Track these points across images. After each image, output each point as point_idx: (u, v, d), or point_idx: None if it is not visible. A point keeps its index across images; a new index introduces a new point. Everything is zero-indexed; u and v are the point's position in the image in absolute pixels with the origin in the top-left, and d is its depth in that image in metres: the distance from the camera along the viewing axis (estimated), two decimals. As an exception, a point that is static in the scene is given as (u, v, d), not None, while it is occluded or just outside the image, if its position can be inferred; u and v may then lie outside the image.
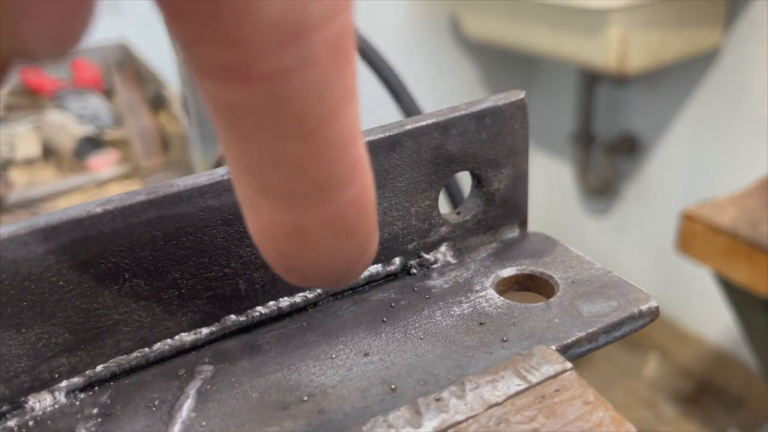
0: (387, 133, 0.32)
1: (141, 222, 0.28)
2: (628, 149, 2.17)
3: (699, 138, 1.94)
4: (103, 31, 1.50)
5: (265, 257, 0.20)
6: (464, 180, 0.40)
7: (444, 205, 0.37)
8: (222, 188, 0.30)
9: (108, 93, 1.37)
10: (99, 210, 0.28)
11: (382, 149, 0.33)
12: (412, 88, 0.60)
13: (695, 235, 1.14)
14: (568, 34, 1.80)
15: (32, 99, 1.34)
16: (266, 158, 0.17)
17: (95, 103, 1.30)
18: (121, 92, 1.31)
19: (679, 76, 1.92)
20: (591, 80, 2.07)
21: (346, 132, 0.18)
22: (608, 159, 2.19)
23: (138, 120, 1.19)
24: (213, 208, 0.30)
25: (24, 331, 0.28)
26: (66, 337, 0.29)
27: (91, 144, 1.12)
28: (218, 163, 0.84)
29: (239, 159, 0.18)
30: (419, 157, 0.34)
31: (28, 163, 1.14)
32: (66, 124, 1.17)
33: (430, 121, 0.33)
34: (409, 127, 0.33)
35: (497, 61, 2.25)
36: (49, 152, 1.16)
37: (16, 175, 1.07)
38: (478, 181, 0.36)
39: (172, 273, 0.30)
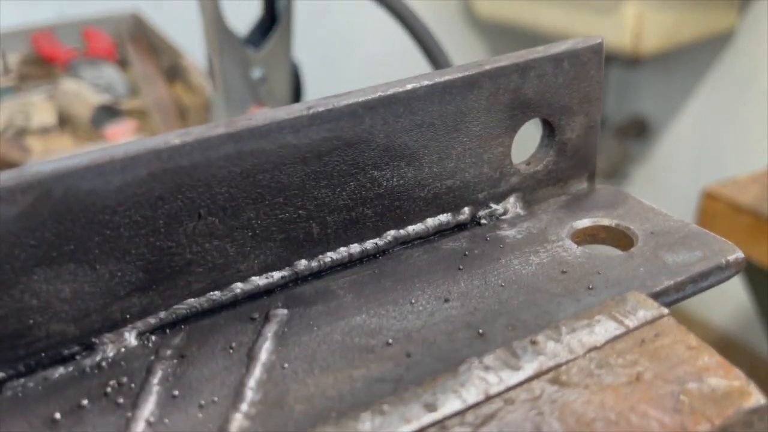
0: (465, 73, 0.31)
1: (219, 156, 0.27)
2: (638, 132, 2.15)
3: (710, 121, 1.92)
4: (115, 1, 1.48)
5: None
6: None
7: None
8: (300, 124, 0.28)
9: (121, 63, 1.34)
10: (177, 141, 0.26)
11: (460, 89, 0.31)
12: (423, 70, 0.59)
13: (717, 214, 1.13)
14: (583, 13, 1.77)
15: (45, 68, 1.32)
16: None
17: (109, 73, 1.28)
18: (135, 62, 1.29)
19: (691, 59, 1.90)
20: (603, 61, 2.05)
21: None
22: (618, 142, 2.17)
23: (154, 90, 1.17)
24: (291, 145, 0.28)
25: (98, 267, 0.27)
26: (139, 275, 0.27)
27: (108, 113, 1.10)
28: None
29: None
30: (496, 99, 0.32)
31: (44, 131, 1.12)
32: (82, 93, 1.15)
33: (509, 62, 0.32)
34: (488, 67, 0.31)
35: (509, 41, 2.22)
36: (64, 121, 1.14)
37: (33, 144, 1.05)
38: (550, 129, 0.35)
39: (247, 212, 0.29)
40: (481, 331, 0.27)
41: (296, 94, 0.87)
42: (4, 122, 1.14)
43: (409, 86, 0.30)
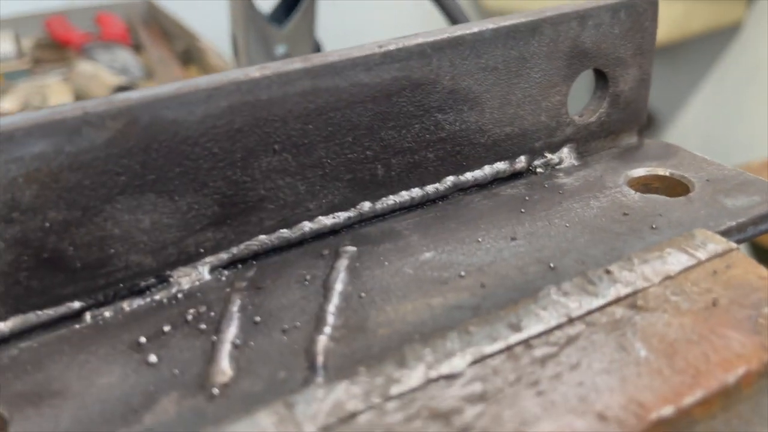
0: (528, 18, 0.31)
1: (296, 91, 0.27)
2: (645, 124, 2.16)
3: (716, 113, 1.93)
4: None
5: None
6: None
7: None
8: (372, 62, 0.29)
9: (135, 47, 1.35)
10: (257, 74, 0.27)
11: (523, 34, 0.32)
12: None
13: (730, 199, 1.13)
14: (591, 4, 1.78)
15: (59, 52, 1.32)
16: None
17: (124, 56, 1.28)
18: (149, 47, 1.29)
19: (698, 51, 1.91)
20: (611, 53, 2.05)
21: None
22: (625, 133, 2.18)
23: (169, 73, 1.18)
24: (363, 84, 0.29)
25: (176, 198, 0.27)
26: (214, 209, 0.28)
27: (126, 94, 1.10)
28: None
29: None
30: (556, 47, 0.33)
31: (61, 112, 1.12)
32: (98, 74, 1.15)
33: (569, 10, 0.32)
34: (549, 14, 0.32)
35: (516, 32, 2.22)
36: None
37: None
38: (604, 81, 0.36)
39: (318, 150, 0.29)
40: (552, 265, 0.28)
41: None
42: (20, 104, 1.14)
43: (475, 29, 0.30)
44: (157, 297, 0.27)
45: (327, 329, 0.25)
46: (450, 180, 0.33)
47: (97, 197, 0.25)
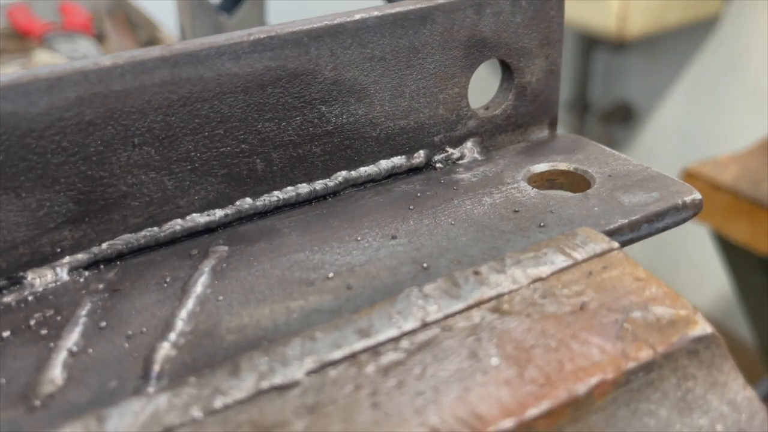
0: (416, 6, 0.30)
1: (154, 81, 0.26)
2: (623, 117, 2.15)
3: (694, 106, 1.92)
4: (93, -25, 1.45)
5: None
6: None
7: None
8: (241, 50, 0.27)
9: (98, 37, 1.32)
10: (108, 63, 0.25)
11: (412, 23, 0.30)
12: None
13: (696, 193, 1.12)
14: (568, -4, 1.76)
15: (20, 42, 1.30)
16: None
17: (85, 47, 1.26)
18: (113, 37, 1.27)
19: (676, 44, 1.90)
20: (588, 46, 2.04)
21: None
22: (603, 127, 2.17)
23: (130, 64, 1.15)
24: (231, 74, 0.27)
25: (24, 195, 0.25)
26: (69, 206, 0.26)
27: (82, 85, 1.09)
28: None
29: None
30: (451, 36, 0.31)
31: (16, 103, 1.10)
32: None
33: (463, -3, 0.31)
34: (441, 0, 0.30)
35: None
36: (37, 93, 1.12)
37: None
38: (509, 72, 0.34)
39: (185, 144, 0.28)
40: (425, 265, 0.26)
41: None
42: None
43: (357, 16, 0.29)
44: (6, 299, 0.26)
45: (172, 336, 0.23)
46: (342, 175, 0.32)
47: (-72, 194, 0.24)
